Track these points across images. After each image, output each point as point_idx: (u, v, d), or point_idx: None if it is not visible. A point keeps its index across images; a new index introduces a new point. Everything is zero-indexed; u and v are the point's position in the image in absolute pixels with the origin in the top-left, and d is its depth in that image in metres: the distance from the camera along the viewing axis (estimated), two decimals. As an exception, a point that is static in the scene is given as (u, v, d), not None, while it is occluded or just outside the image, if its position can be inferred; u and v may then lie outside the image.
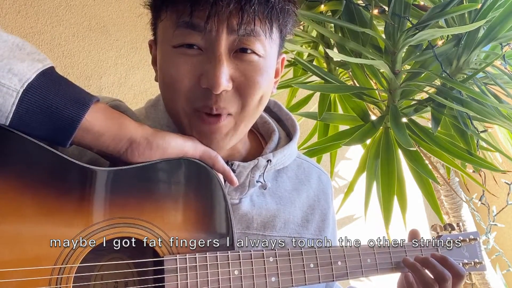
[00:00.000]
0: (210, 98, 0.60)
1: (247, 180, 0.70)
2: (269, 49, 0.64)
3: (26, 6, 1.49)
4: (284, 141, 0.79)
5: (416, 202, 2.25)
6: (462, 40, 1.15)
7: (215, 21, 0.58)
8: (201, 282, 0.57)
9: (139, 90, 1.67)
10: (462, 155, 1.12)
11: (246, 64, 0.62)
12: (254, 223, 0.71)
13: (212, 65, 0.59)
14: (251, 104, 0.63)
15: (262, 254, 0.62)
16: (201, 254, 0.58)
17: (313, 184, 0.83)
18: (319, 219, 0.80)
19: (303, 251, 0.66)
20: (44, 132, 0.52)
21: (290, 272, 0.64)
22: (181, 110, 0.63)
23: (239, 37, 0.60)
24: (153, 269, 0.58)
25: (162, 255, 0.57)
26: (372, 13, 1.17)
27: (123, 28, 1.64)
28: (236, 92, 0.62)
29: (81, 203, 0.54)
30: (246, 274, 0.61)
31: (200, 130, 0.63)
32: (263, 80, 0.63)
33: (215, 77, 0.58)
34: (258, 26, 0.60)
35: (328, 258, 0.68)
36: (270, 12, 0.61)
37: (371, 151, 1.24)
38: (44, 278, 0.50)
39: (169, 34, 0.62)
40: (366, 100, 1.24)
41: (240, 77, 0.61)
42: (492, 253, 1.64)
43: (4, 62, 0.49)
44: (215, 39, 0.60)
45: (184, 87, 0.61)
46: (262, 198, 0.74)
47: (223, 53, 0.60)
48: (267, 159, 0.72)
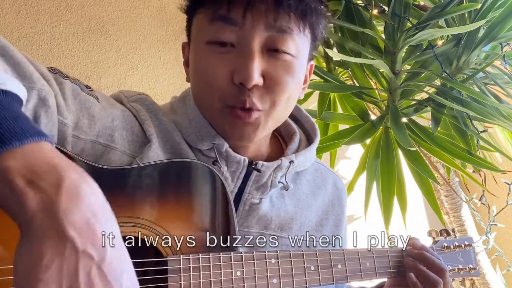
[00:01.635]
0: (243, 93, 0.62)
1: (269, 180, 0.70)
2: (301, 48, 0.65)
3: (26, 6, 1.49)
4: (304, 143, 0.79)
5: (416, 202, 2.25)
6: (462, 40, 1.15)
7: (252, 16, 0.60)
8: (204, 282, 0.57)
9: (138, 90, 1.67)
10: (462, 155, 1.11)
11: (278, 63, 0.63)
12: (272, 224, 0.71)
13: (245, 60, 0.61)
14: (279, 103, 0.65)
15: (264, 255, 0.63)
16: (204, 254, 0.58)
17: (329, 190, 0.83)
18: (333, 224, 0.80)
19: (304, 253, 0.66)
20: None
21: (291, 274, 0.64)
22: (214, 106, 0.64)
23: (273, 34, 0.62)
24: (155, 269, 0.58)
25: (165, 255, 0.57)
26: (372, 13, 1.17)
27: (123, 28, 1.64)
28: (266, 90, 0.63)
29: None
30: (248, 275, 0.61)
31: (233, 123, 0.64)
32: (292, 80, 0.65)
33: (248, 70, 0.60)
34: (292, 22, 0.62)
35: (329, 261, 0.68)
36: (304, 9, 0.63)
37: (371, 151, 1.24)
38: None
39: (203, 29, 0.63)
40: (366, 100, 1.24)
41: (271, 75, 0.63)
42: (492, 253, 1.64)
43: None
44: (249, 35, 0.61)
45: (218, 85, 0.62)
46: (282, 199, 0.74)
47: (256, 48, 0.61)
48: (289, 160, 0.72)
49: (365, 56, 1.17)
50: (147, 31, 1.69)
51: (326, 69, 1.37)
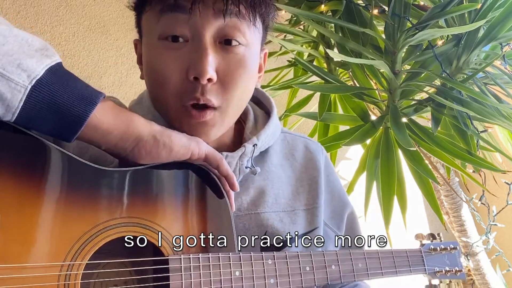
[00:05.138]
0: (197, 89, 0.62)
1: (236, 168, 0.70)
2: (253, 37, 0.65)
3: (26, 6, 1.49)
4: (261, 118, 0.79)
5: (416, 202, 2.25)
6: (462, 40, 1.15)
7: (201, 3, 0.60)
8: (204, 282, 0.58)
9: (139, 89, 1.67)
10: (462, 155, 1.12)
11: (231, 56, 0.63)
12: (244, 204, 0.71)
13: (199, 54, 0.61)
14: (234, 97, 0.65)
15: (261, 256, 0.64)
16: (204, 254, 0.59)
17: (299, 157, 0.82)
18: (308, 188, 0.79)
19: (299, 254, 0.68)
20: (50, 128, 0.52)
21: (288, 275, 0.65)
22: (170, 106, 0.64)
23: (224, 25, 0.62)
24: (156, 268, 0.58)
25: (166, 255, 0.57)
26: (372, 13, 1.17)
27: (123, 27, 1.64)
28: (220, 85, 0.63)
29: (89, 202, 0.55)
30: (246, 275, 0.62)
31: (189, 123, 0.64)
32: (246, 73, 0.65)
33: (202, 64, 0.60)
34: (243, 11, 0.62)
35: (323, 262, 0.69)
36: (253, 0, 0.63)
37: (371, 151, 1.24)
38: (53, 274, 0.51)
39: (154, 24, 0.63)
40: (366, 100, 1.24)
41: (224, 70, 0.63)
42: (492, 253, 1.64)
43: (14, 57, 0.49)
44: (201, 26, 0.61)
45: (173, 83, 0.62)
46: (249, 178, 0.74)
47: (209, 41, 0.61)
48: (252, 143, 0.72)
49: (366, 57, 1.17)
50: (147, 31, 1.68)
51: (327, 70, 1.37)
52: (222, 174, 0.65)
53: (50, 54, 0.52)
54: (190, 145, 0.62)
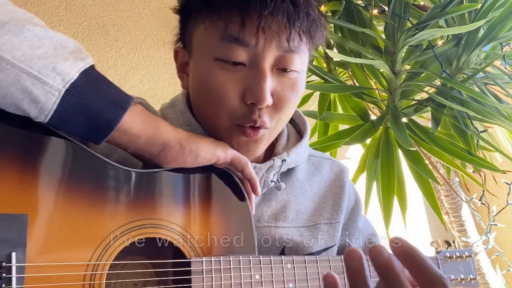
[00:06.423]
0: (254, 112, 0.63)
1: (262, 180, 0.70)
2: (305, 63, 0.67)
3: (26, 6, 1.49)
4: (294, 138, 0.80)
5: (416, 202, 2.25)
6: (462, 40, 1.15)
7: (265, 37, 0.60)
8: (225, 284, 0.59)
9: (138, 91, 1.67)
10: (462, 155, 1.11)
11: (285, 81, 0.65)
12: (265, 216, 0.71)
13: (257, 80, 0.61)
14: (284, 119, 0.68)
15: (281, 260, 0.65)
16: (225, 257, 0.60)
17: (325, 175, 0.83)
18: (332, 203, 0.79)
19: (317, 258, 0.68)
20: (80, 130, 0.53)
21: (306, 279, 0.66)
22: (222, 123, 0.65)
23: (283, 54, 0.62)
24: (179, 270, 0.59)
25: (188, 257, 0.58)
26: (372, 13, 1.17)
27: (123, 28, 1.64)
28: (274, 108, 0.65)
29: (115, 203, 0.56)
30: (266, 279, 0.62)
31: (240, 140, 0.66)
32: (297, 96, 0.67)
33: (261, 92, 0.61)
34: (303, 42, 0.63)
35: (341, 267, 0.69)
36: (311, 26, 0.63)
37: (371, 151, 1.24)
38: (79, 274, 0.52)
39: (212, 45, 0.62)
40: (366, 100, 1.24)
41: (279, 93, 0.64)
42: (492, 253, 1.64)
43: (49, 60, 0.49)
44: (261, 55, 0.61)
45: (228, 104, 0.63)
46: (273, 191, 0.74)
47: (267, 68, 0.62)
48: (281, 158, 0.72)
49: (365, 56, 1.17)
50: (147, 31, 1.69)
51: (327, 70, 1.37)
52: (245, 177, 0.66)
53: (84, 57, 0.53)
54: (216, 151, 0.63)
